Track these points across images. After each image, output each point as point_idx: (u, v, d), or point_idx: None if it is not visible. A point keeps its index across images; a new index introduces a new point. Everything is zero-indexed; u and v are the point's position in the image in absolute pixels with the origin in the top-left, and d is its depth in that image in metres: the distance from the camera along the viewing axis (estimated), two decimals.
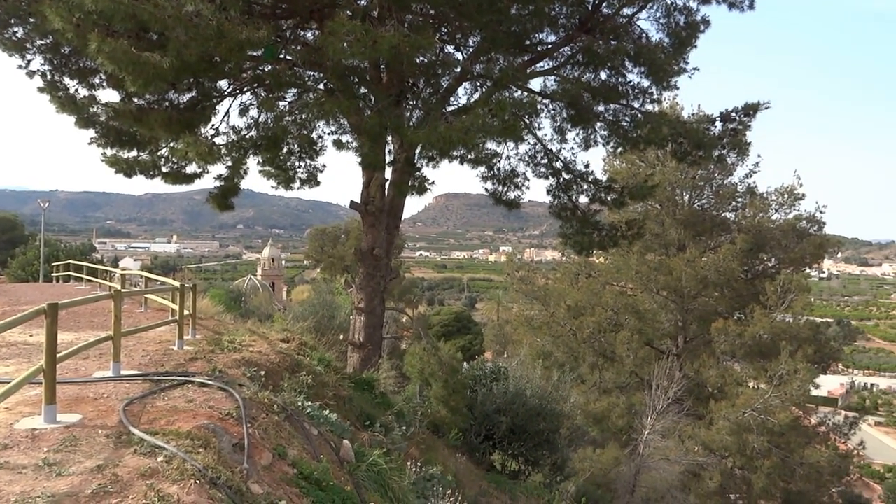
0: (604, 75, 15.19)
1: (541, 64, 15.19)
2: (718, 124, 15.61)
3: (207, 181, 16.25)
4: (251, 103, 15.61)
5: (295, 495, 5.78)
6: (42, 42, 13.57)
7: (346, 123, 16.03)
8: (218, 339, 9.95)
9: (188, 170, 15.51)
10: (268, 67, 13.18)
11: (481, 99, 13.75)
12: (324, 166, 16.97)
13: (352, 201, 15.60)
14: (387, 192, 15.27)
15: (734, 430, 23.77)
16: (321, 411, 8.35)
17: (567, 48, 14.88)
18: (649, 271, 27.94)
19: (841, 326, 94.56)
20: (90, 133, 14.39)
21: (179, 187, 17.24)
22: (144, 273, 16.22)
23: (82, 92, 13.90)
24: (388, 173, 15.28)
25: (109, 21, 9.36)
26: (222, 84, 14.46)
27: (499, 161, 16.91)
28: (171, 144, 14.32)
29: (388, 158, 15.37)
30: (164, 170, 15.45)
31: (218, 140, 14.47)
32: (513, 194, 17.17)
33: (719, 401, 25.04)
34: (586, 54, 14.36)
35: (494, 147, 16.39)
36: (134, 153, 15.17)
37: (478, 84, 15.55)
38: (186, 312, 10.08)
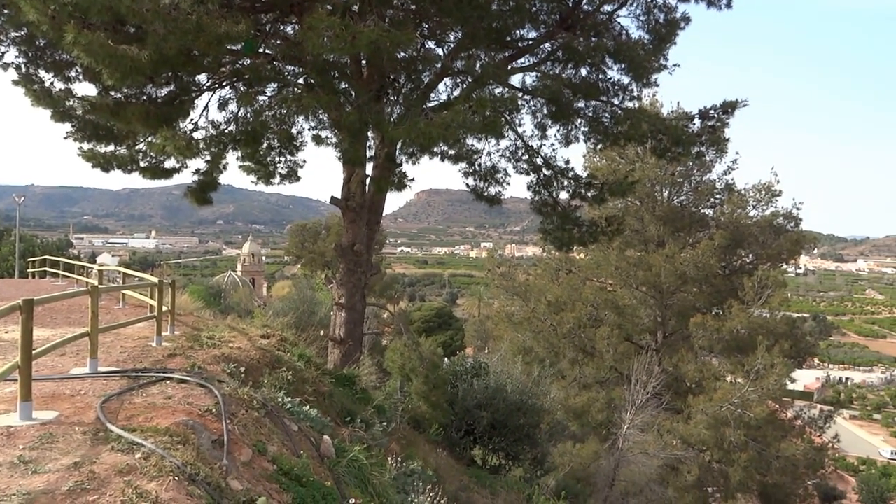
0: (584, 72, 15.26)
1: (521, 60, 15.24)
2: (697, 121, 15.75)
3: (186, 176, 16.14)
4: (230, 98, 15.49)
5: (275, 491, 5.77)
6: (16, 34, 13.34)
7: (325, 119, 15.96)
8: (197, 336, 9.89)
9: (167, 164, 15.37)
10: (247, 62, 13.09)
11: (462, 95, 13.75)
12: (304, 162, 16.89)
13: (332, 197, 15.55)
14: (367, 187, 15.23)
15: (712, 424, 24.07)
16: (301, 407, 8.32)
17: (548, 45, 14.93)
18: (629, 267, 28.15)
19: (817, 322, 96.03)
20: (67, 127, 14.19)
21: (158, 182, 17.08)
22: (122, 269, 16.03)
23: (58, 85, 13.70)
24: (368, 169, 15.24)
25: (86, 13, 9.24)
26: (201, 78, 14.32)
27: (480, 157, 16.95)
28: (149, 139, 14.17)
29: (368, 154, 15.34)
30: (142, 164, 15.29)
31: (197, 135, 14.38)
32: (494, 190, 17.23)
33: (697, 395, 25.33)
34: (567, 51, 14.42)
35: (475, 143, 16.44)
36: (111, 147, 14.99)
37: (459, 80, 15.55)
38: (165, 309, 10.01)
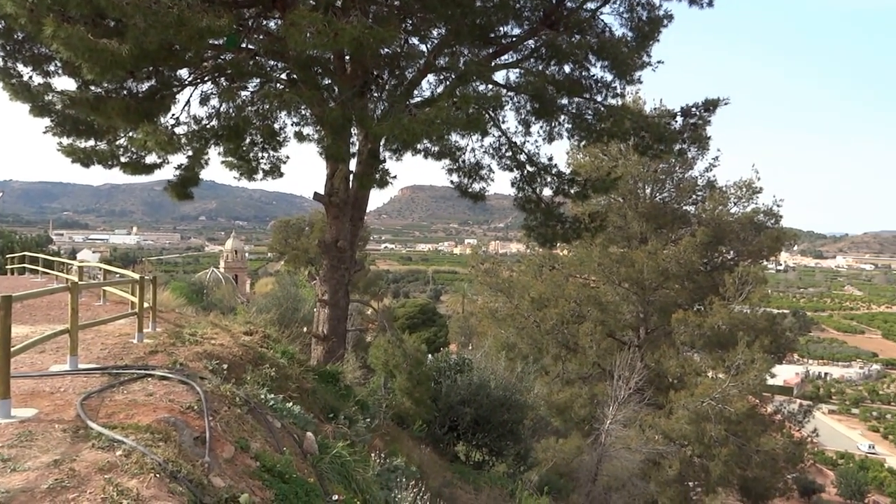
0: (567, 69, 15.29)
1: (505, 57, 15.23)
2: (679, 119, 15.84)
3: (168, 172, 15.96)
4: (212, 93, 15.37)
5: (257, 488, 5.76)
6: None
7: (308, 115, 15.88)
8: (179, 332, 9.82)
9: (148, 160, 15.21)
10: (229, 56, 12.99)
11: (446, 91, 13.73)
12: (287, 157, 16.79)
13: (315, 193, 15.49)
14: (351, 184, 15.19)
15: (693, 418, 24.31)
16: (284, 404, 8.30)
17: (531, 41, 14.94)
18: (611, 263, 28.32)
19: (796, 317, 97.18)
20: (46, 121, 14.01)
21: (139, 178, 16.90)
22: (103, 265, 15.89)
23: (37, 79, 13.50)
24: (352, 165, 15.20)
25: (65, 6, 9.13)
26: (183, 73, 14.19)
27: (463, 154, 16.95)
28: (130, 134, 14.01)
29: (352, 150, 15.29)
30: (122, 160, 15.12)
31: (178, 130, 14.24)
32: (478, 186, 17.23)
33: (679, 390, 25.57)
34: (550, 48, 14.44)
35: (459, 140, 16.43)
36: (91, 142, 14.80)
37: (442, 76, 15.53)
38: (146, 305, 9.93)
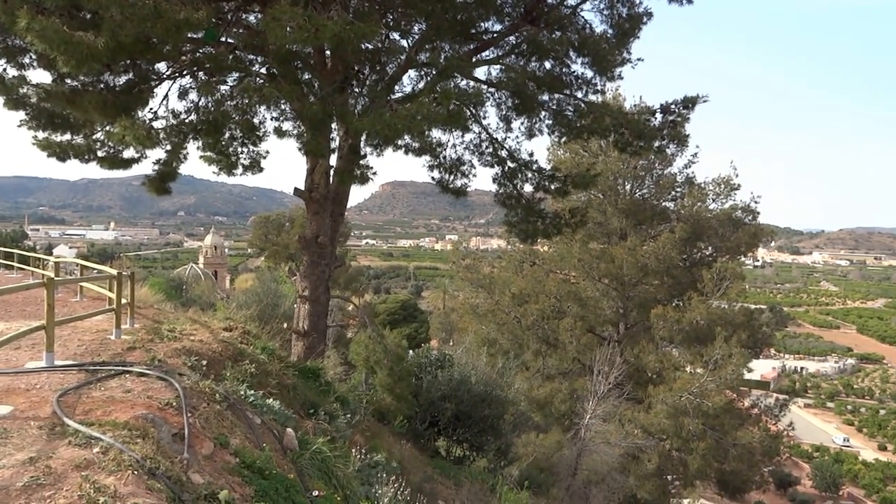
0: (548, 65, 15.33)
1: (486, 53, 15.25)
2: (659, 116, 15.95)
3: (146, 166, 15.80)
4: (191, 87, 15.21)
5: (237, 484, 5.74)
6: None
7: (288, 110, 15.79)
8: (157, 329, 9.74)
9: (125, 154, 15.02)
10: (208, 50, 12.87)
11: (427, 87, 13.72)
12: (267, 152, 16.67)
13: (296, 188, 15.41)
14: (331, 179, 15.13)
15: (671, 413, 24.56)
16: (264, 400, 8.27)
17: (512, 37, 14.96)
18: (592, 259, 28.50)
19: (773, 312, 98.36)
20: (21, 115, 13.80)
21: (117, 172, 16.75)
22: (80, 261, 15.69)
23: (11, 72, 13.28)
24: (332, 160, 15.13)
25: None
26: (161, 66, 14.03)
27: (444, 150, 16.94)
28: (108, 128, 13.83)
29: (332, 146, 15.23)
30: (99, 154, 14.92)
31: (156, 124, 14.07)
32: (459, 183, 17.23)
33: (658, 385, 25.81)
34: (531, 44, 14.47)
35: (440, 135, 16.43)
36: (67, 136, 14.59)
37: (423, 72, 15.51)
38: (124, 301, 9.83)
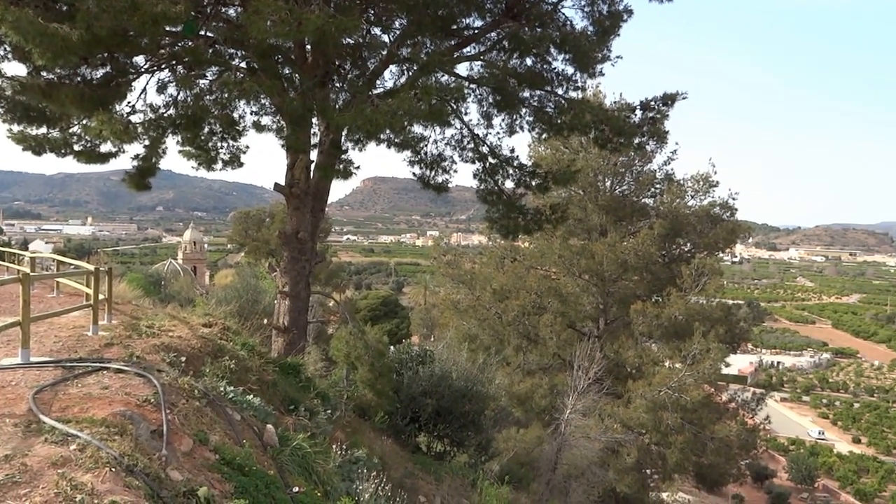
0: (529, 61, 15.37)
1: (467, 49, 15.25)
2: (639, 113, 16.06)
3: (124, 161, 15.61)
4: (169, 80, 15.05)
5: (216, 481, 5.72)
6: None
7: (268, 104, 15.69)
8: (135, 325, 9.66)
9: (103, 149, 14.83)
10: (187, 44, 12.74)
11: (408, 82, 13.68)
12: (247, 147, 16.56)
13: (276, 184, 15.33)
14: (312, 174, 15.06)
15: (650, 407, 24.78)
16: (244, 396, 8.24)
17: (493, 34, 14.97)
18: (572, 255, 28.63)
19: (751, 308, 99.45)
20: None
21: (94, 167, 16.46)
22: (56, 256, 15.49)
23: None
24: (313, 155, 15.07)
25: None
26: (139, 60, 13.86)
27: (426, 145, 16.93)
28: (85, 122, 13.66)
29: (313, 141, 15.16)
30: (76, 148, 14.72)
31: (134, 118, 13.92)
32: (440, 178, 17.24)
33: (637, 380, 26.02)
34: (512, 40, 14.49)
35: (421, 131, 16.41)
36: (43, 130, 14.37)
37: (405, 67, 15.48)
38: (102, 297, 9.73)
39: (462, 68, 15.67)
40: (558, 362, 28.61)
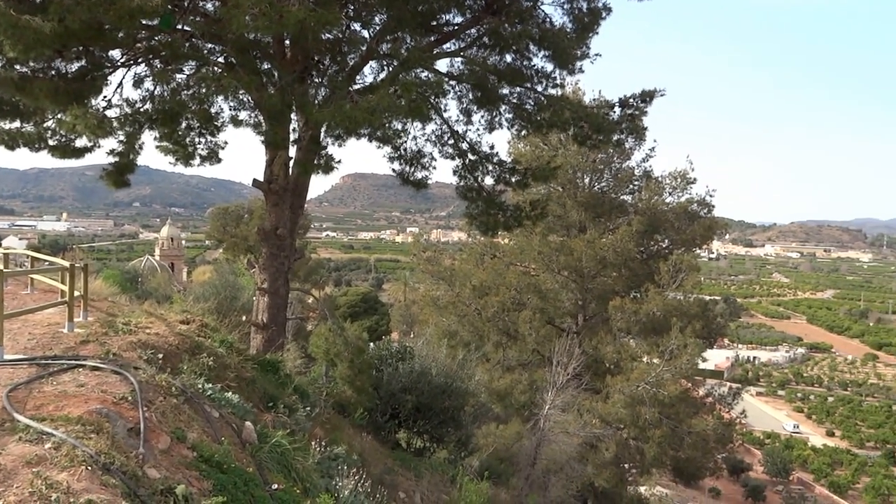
0: (509, 58, 15.38)
1: (447, 45, 15.22)
2: (617, 110, 16.13)
3: (100, 156, 15.41)
4: (146, 75, 14.87)
5: (195, 478, 5.68)
6: None
7: (247, 100, 15.56)
8: (112, 322, 9.54)
9: (78, 143, 14.60)
10: (164, 38, 12.59)
11: (388, 78, 13.65)
12: (226, 143, 16.39)
13: (255, 180, 15.21)
14: (291, 170, 14.97)
15: (628, 402, 24.99)
16: (223, 393, 8.19)
17: (473, 30, 14.97)
18: (551, 252, 28.76)
19: (727, 304, 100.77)
20: None
21: (69, 162, 16.27)
22: (30, 252, 15.27)
23: None
24: (292, 151, 14.97)
25: None
26: (115, 54, 13.68)
27: (406, 141, 16.90)
28: (59, 116, 13.46)
29: (292, 136, 15.06)
30: (51, 143, 14.49)
31: (110, 113, 13.74)
32: (420, 175, 17.21)
33: (615, 375, 26.22)
34: (492, 36, 14.51)
35: (401, 127, 16.37)
36: (17, 124, 14.14)
37: (384, 63, 15.43)
38: (77, 294, 9.60)
39: (442, 65, 15.66)
40: (538, 358, 28.74)
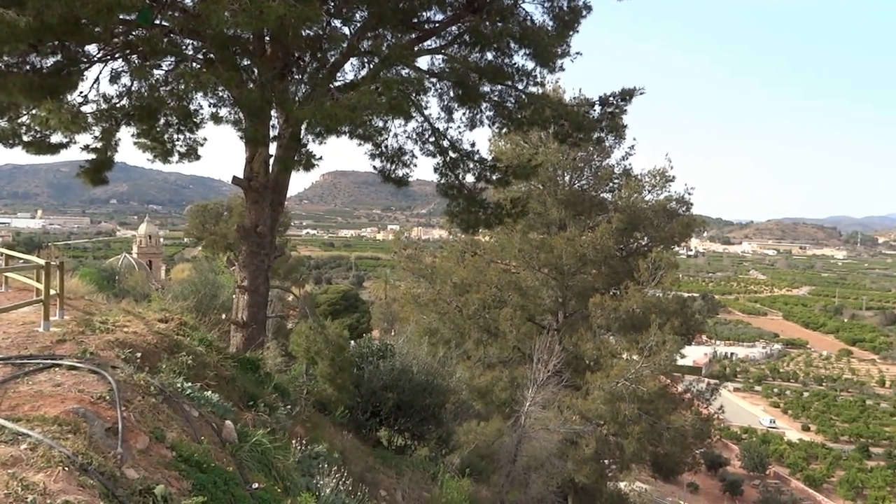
0: (490, 56, 15.39)
1: (428, 42, 15.21)
2: (598, 108, 16.21)
3: (76, 152, 15.19)
4: (123, 70, 14.68)
5: (174, 478, 5.64)
6: None
7: (226, 96, 15.43)
8: (89, 320, 9.42)
9: (53, 139, 14.39)
10: (142, 33, 12.44)
11: (369, 75, 13.61)
12: (205, 139, 16.24)
13: (234, 177, 15.10)
14: (271, 167, 14.88)
15: (608, 399, 25.17)
16: (202, 392, 8.12)
17: (454, 27, 14.96)
18: (532, 249, 28.86)
19: (705, 300, 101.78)
20: None
21: (44, 158, 15.98)
22: (5, 250, 15.01)
23: None
24: (272, 148, 14.88)
25: None
26: (91, 49, 13.50)
27: (387, 138, 16.85)
28: (33, 111, 13.25)
29: (272, 133, 14.97)
30: (25, 139, 14.26)
31: (87, 108, 13.56)
32: (401, 172, 17.17)
33: (595, 372, 26.38)
34: (473, 34, 14.51)
35: (382, 124, 16.32)
36: None
37: (365, 60, 15.38)
38: (53, 292, 9.47)
39: (423, 62, 15.64)
40: (518, 355, 28.84)
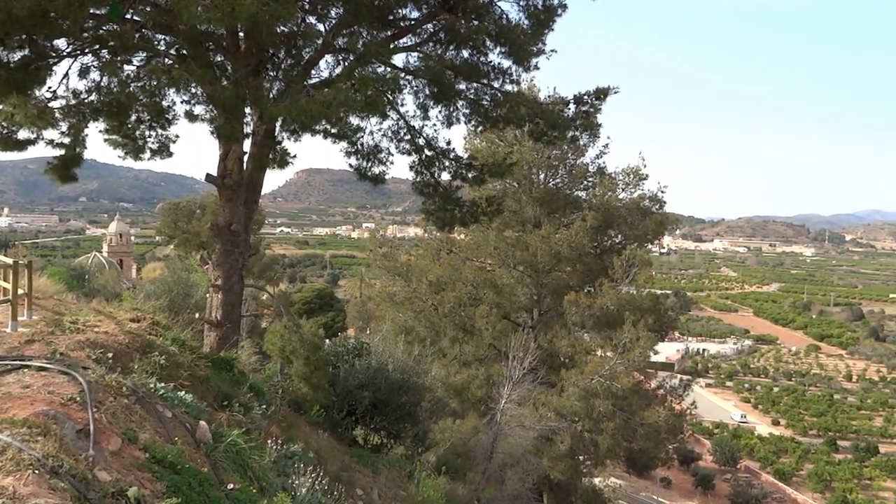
0: (466, 54, 15.39)
1: (404, 40, 15.17)
2: (572, 106, 16.31)
3: (44, 149, 14.89)
4: (93, 65, 14.41)
5: (147, 480, 5.56)
6: None
7: (199, 93, 15.24)
8: (58, 320, 9.26)
9: (20, 135, 14.09)
10: (112, 28, 12.23)
11: (344, 73, 13.53)
12: (177, 136, 16.01)
13: (208, 174, 14.92)
14: (245, 165, 14.73)
15: (583, 395, 25.36)
16: (175, 392, 8.02)
17: (430, 25, 14.94)
18: (507, 247, 28.96)
19: (678, 297, 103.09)
20: None
21: (11, 155, 15.65)
22: None
23: None
24: (246, 145, 14.73)
25: None
26: (60, 43, 13.24)
27: (362, 136, 16.77)
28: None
29: (246, 130, 14.82)
30: None
31: (54, 104, 13.29)
32: (377, 170, 17.10)
33: (570, 369, 26.57)
34: (449, 32, 14.50)
35: (358, 121, 16.25)
36: None
37: (341, 58, 15.29)
38: (21, 292, 9.29)
39: (398, 60, 15.59)
40: (494, 353, 28.92)
